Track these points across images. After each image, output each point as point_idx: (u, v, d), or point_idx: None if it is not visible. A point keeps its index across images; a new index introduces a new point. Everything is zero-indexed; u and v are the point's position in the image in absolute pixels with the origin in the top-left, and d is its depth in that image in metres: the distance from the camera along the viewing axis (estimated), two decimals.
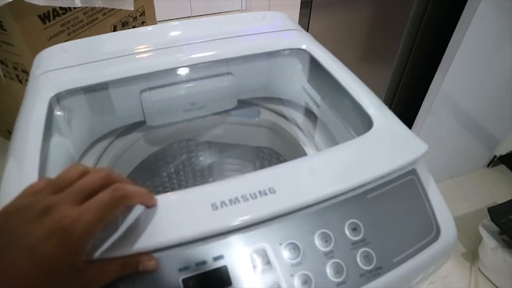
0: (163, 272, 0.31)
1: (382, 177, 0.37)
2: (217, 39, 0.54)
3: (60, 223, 0.24)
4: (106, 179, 0.28)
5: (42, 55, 0.56)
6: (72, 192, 0.26)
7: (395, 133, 0.42)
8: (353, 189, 0.36)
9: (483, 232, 1.09)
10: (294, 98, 0.60)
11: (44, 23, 1.01)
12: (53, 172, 0.42)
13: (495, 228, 1.07)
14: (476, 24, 0.88)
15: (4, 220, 0.25)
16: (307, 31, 0.78)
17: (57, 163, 0.44)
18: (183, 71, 0.53)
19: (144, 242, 0.30)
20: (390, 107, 1.15)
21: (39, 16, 0.99)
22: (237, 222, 0.32)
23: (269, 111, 0.63)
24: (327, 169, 0.37)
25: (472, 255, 1.20)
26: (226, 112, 0.60)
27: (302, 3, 1.53)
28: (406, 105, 1.18)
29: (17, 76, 1.11)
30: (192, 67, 0.52)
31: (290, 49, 0.55)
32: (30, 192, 0.28)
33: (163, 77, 0.52)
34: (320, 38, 0.57)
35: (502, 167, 1.52)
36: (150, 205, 0.31)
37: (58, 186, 0.27)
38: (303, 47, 0.53)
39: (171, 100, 0.54)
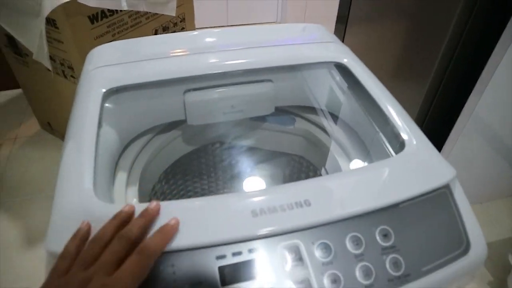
0: (202, 259, 0.33)
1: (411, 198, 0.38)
2: (260, 47, 0.57)
3: None
4: (127, 243, 0.30)
5: (94, 52, 0.60)
6: (103, 264, 0.29)
7: (425, 157, 0.42)
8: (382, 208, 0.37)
9: None
10: (330, 109, 0.61)
11: (92, 23, 1.07)
12: (101, 161, 0.44)
13: None
14: None
15: None
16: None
17: (105, 153, 0.47)
18: (226, 75, 0.56)
19: (187, 240, 0.33)
20: (421, 126, 1.14)
21: (89, 17, 1.05)
22: (273, 229, 0.34)
23: (304, 120, 0.64)
24: (359, 187, 0.39)
25: (499, 284, 1.16)
26: (262, 117, 0.62)
27: (338, 17, 1.55)
28: (437, 125, 1.17)
29: (63, 71, 1.18)
30: (235, 72, 0.54)
31: (330, 62, 0.57)
32: (60, 271, 0.30)
33: (206, 80, 0.55)
34: (355, 52, 0.58)
35: None
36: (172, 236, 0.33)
37: (86, 262, 0.30)
38: (344, 61, 0.55)
39: (212, 101, 0.56)
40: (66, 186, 0.38)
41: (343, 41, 1.51)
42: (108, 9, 1.09)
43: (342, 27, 1.50)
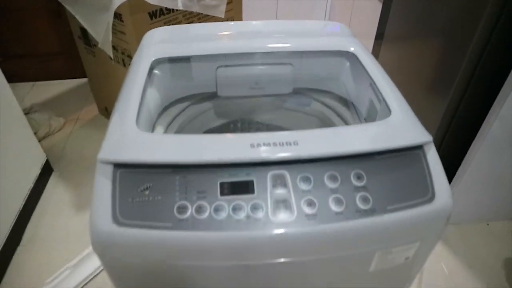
0: (208, 175, 0.43)
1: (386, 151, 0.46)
2: (285, 36, 0.67)
3: None
4: None
5: (149, 32, 0.74)
6: None
7: (406, 124, 0.49)
8: (361, 154, 0.45)
9: None
10: (340, 92, 0.69)
11: (151, 19, 1.23)
12: (144, 111, 0.56)
13: None
14: None
15: None
16: (377, 58, 0.86)
17: (148, 108, 0.59)
18: (253, 56, 0.66)
19: (198, 159, 0.43)
20: (443, 139, 1.19)
21: (149, 13, 1.22)
22: (265, 158, 0.43)
23: (319, 103, 0.73)
24: (343, 137, 0.47)
25: None
26: (281, 96, 0.71)
27: (376, 35, 1.64)
28: (459, 138, 1.20)
29: (123, 60, 1.36)
30: (261, 54, 0.65)
31: (340, 51, 0.65)
32: None
33: (236, 59, 0.66)
34: (388, 67, 0.65)
35: None
36: None
37: None
38: (351, 50, 0.64)
39: (240, 77, 0.67)
40: (116, 120, 0.50)
41: (377, 57, 1.58)
42: (166, 8, 1.25)
43: (379, 43, 1.57)
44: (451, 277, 1.22)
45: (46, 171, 1.53)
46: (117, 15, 1.20)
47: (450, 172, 1.26)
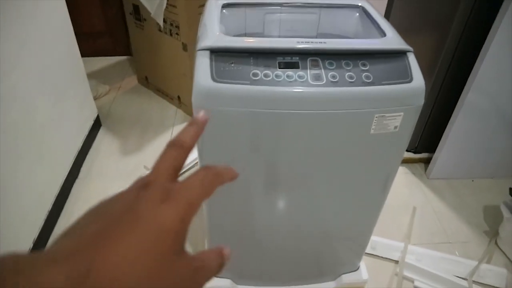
0: (270, 57, 0.68)
1: (388, 52, 0.71)
2: None
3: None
4: (181, 151, 0.26)
5: None
6: (160, 170, 0.25)
7: (395, 41, 0.75)
8: (367, 52, 0.71)
9: (503, 207, 1.28)
10: (353, 36, 0.95)
11: None
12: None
13: None
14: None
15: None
16: None
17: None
18: (290, 8, 0.93)
19: (263, 46, 0.69)
20: (432, 106, 1.45)
21: None
22: (306, 49, 0.69)
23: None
24: (353, 42, 0.73)
25: (493, 233, 1.38)
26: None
27: None
28: (445, 108, 1.45)
29: (170, 30, 1.63)
30: (294, 6, 0.92)
31: (353, 4, 0.92)
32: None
33: (280, 7, 0.92)
34: None
35: None
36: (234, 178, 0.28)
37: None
38: (359, 4, 0.90)
39: (279, 21, 0.93)
40: (203, 30, 0.76)
41: None
42: None
43: None
44: (438, 217, 1.46)
45: (97, 124, 1.80)
46: None
47: (439, 135, 1.51)
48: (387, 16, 1.89)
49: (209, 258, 0.24)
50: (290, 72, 0.68)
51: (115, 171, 1.58)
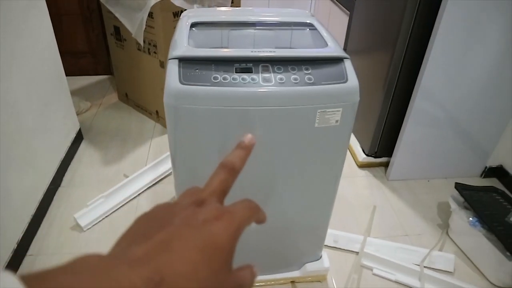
0: (227, 64, 0.82)
1: (327, 58, 0.86)
2: (265, 14, 1.09)
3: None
4: (231, 174, 0.29)
5: (185, 12, 1.15)
6: (213, 190, 0.27)
7: (335, 50, 0.90)
8: (309, 59, 0.85)
9: (451, 200, 1.43)
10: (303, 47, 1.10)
11: (174, 17, 1.66)
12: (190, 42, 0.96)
13: (460, 198, 1.41)
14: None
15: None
16: None
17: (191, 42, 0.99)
18: (249, 25, 1.08)
19: (222, 54, 0.83)
20: (386, 116, 1.62)
21: (173, 12, 1.64)
22: (260, 57, 0.83)
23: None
24: (298, 52, 0.87)
25: (445, 226, 1.52)
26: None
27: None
28: (397, 115, 1.62)
29: (148, 49, 1.77)
30: (254, 23, 1.07)
31: (303, 22, 1.07)
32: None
33: (238, 26, 1.07)
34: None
35: (495, 179, 1.80)
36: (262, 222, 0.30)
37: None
38: (308, 21, 1.06)
39: (241, 37, 1.08)
40: (174, 44, 0.89)
41: None
42: (185, 9, 1.68)
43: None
44: (396, 213, 1.60)
45: (79, 137, 1.90)
46: (149, 13, 1.62)
47: (396, 140, 1.67)
48: (346, 37, 2.10)
49: (246, 276, 0.25)
50: (244, 75, 0.82)
51: (96, 180, 1.68)
